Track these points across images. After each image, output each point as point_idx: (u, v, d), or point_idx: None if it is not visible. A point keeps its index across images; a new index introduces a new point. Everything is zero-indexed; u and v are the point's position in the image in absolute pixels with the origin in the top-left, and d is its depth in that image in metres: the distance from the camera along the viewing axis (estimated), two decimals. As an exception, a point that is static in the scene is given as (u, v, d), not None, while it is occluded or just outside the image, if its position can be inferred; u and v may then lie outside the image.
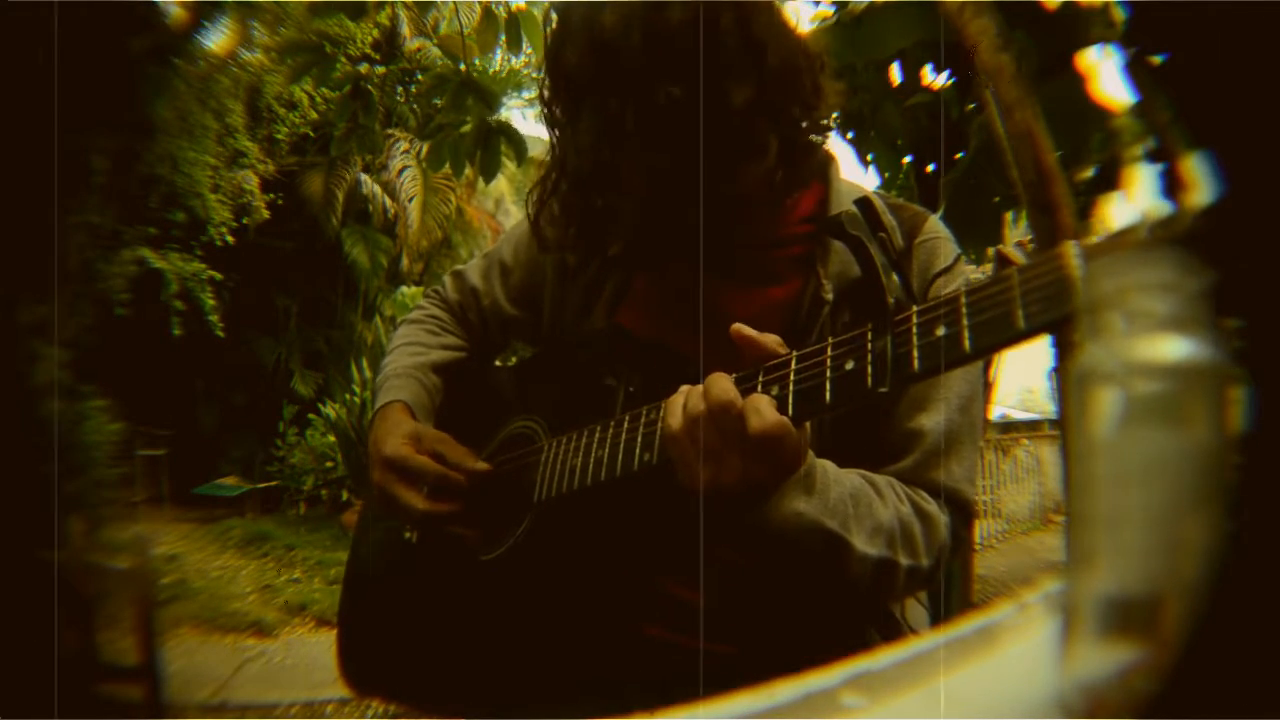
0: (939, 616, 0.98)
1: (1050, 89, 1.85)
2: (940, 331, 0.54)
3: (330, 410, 6.92)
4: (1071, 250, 0.47)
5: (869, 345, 0.59)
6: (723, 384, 0.65)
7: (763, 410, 0.62)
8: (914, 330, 0.56)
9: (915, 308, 0.57)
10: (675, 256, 0.83)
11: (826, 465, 0.71)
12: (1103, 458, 0.28)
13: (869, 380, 0.58)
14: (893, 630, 0.86)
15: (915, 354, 0.56)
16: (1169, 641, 0.27)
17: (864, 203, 0.64)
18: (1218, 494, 0.27)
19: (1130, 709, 0.27)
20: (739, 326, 0.67)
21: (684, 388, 0.68)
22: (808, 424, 0.65)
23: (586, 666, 0.82)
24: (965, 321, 0.53)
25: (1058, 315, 0.47)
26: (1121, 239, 0.44)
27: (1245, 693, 0.27)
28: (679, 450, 0.67)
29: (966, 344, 0.52)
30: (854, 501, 0.72)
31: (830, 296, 0.82)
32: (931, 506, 0.77)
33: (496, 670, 0.86)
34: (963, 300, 0.54)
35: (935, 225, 0.87)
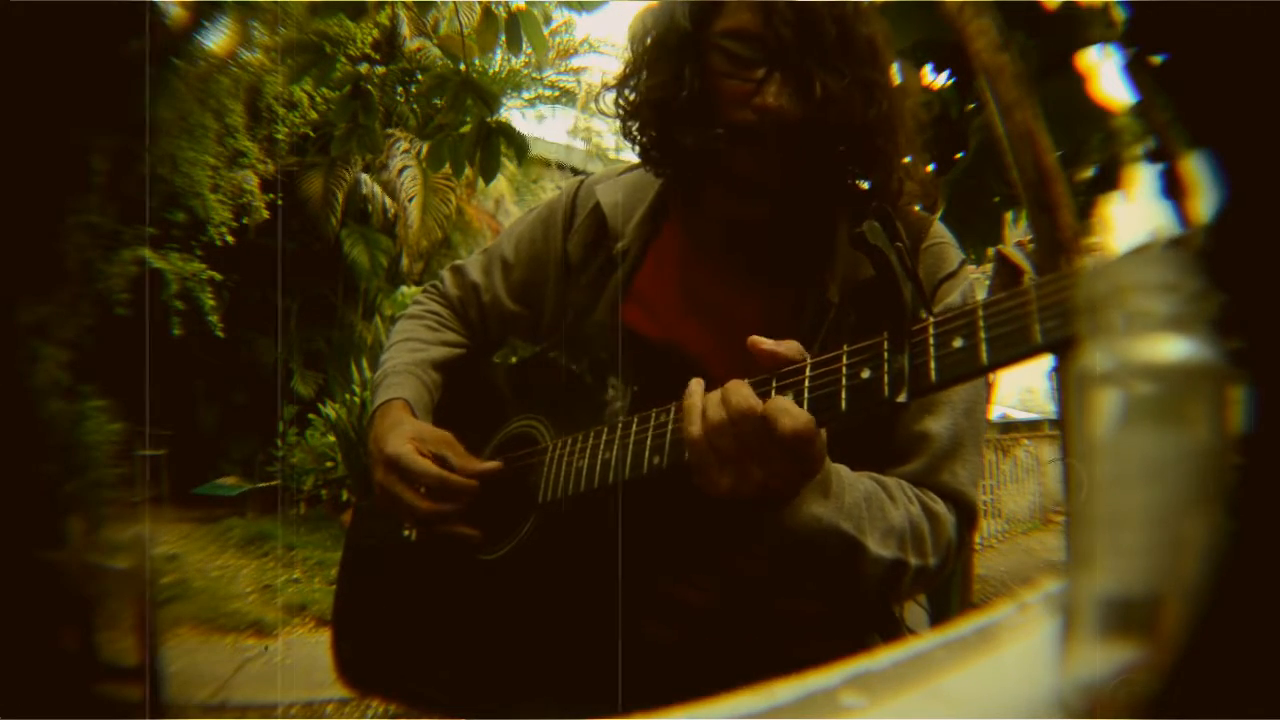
0: (939, 617, 0.98)
1: (1050, 89, 1.85)
2: (957, 343, 0.55)
3: (330, 410, 6.92)
4: (1089, 267, 0.47)
5: (885, 355, 0.59)
6: (743, 391, 0.64)
7: (792, 411, 0.62)
8: (931, 341, 0.57)
9: (932, 319, 0.58)
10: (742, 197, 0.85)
11: (840, 469, 0.72)
12: (1103, 458, 0.28)
13: (886, 390, 0.58)
14: (893, 631, 0.86)
15: (933, 365, 0.56)
16: (1169, 641, 0.27)
17: (882, 214, 0.65)
18: (1218, 494, 0.27)
19: (1130, 709, 0.27)
20: (756, 339, 0.66)
21: (699, 393, 0.67)
22: (823, 430, 0.65)
23: (589, 667, 0.82)
24: (983, 334, 0.53)
25: (1074, 331, 0.47)
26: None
27: (1245, 693, 0.27)
28: (699, 457, 0.66)
29: (984, 357, 0.53)
30: (868, 504, 0.72)
31: (836, 298, 0.82)
32: (940, 507, 0.78)
33: (498, 670, 0.86)
34: (980, 313, 0.54)
35: (940, 230, 0.88)
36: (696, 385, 0.69)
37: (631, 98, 0.89)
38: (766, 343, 0.66)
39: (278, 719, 3.27)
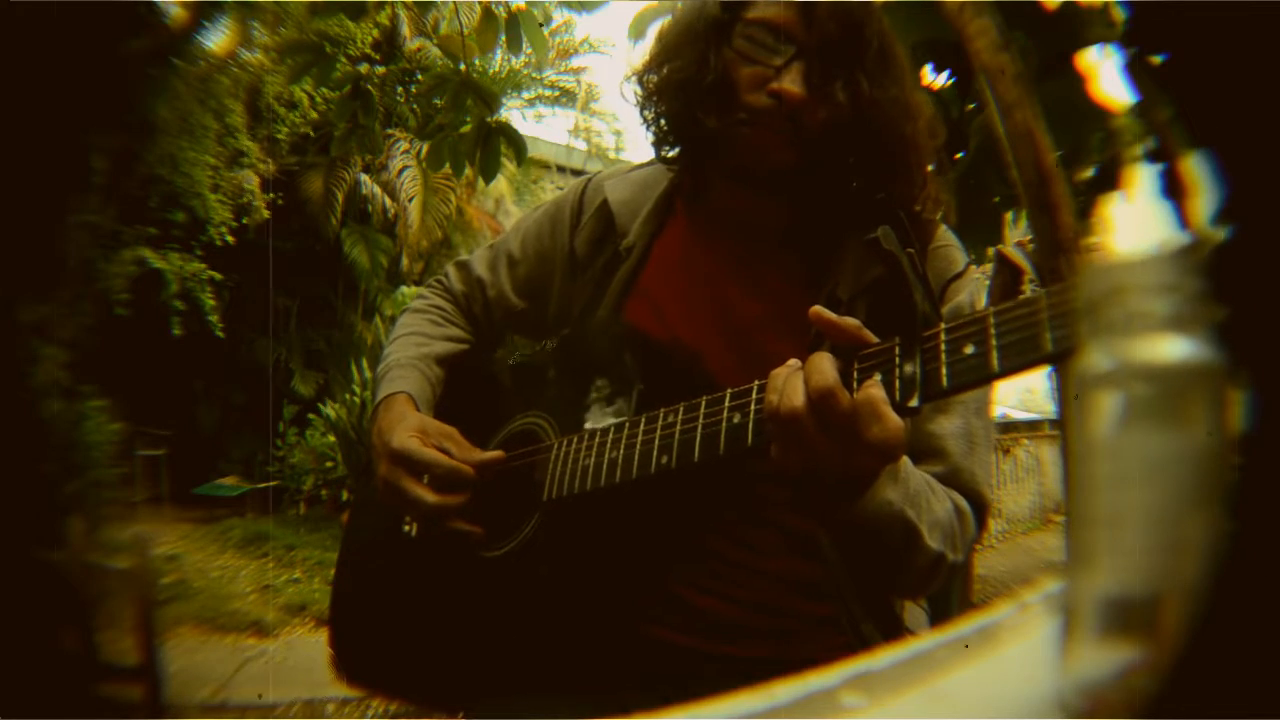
0: (939, 617, 0.98)
1: (1050, 89, 1.85)
2: (969, 350, 0.55)
3: (330, 410, 6.92)
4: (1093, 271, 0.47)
5: (897, 361, 0.59)
6: (831, 373, 0.61)
7: (884, 417, 0.59)
8: (943, 348, 0.57)
9: (943, 325, 0.58)
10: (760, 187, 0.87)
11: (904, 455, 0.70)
12: (1103, 458, 0.28)
13: (898, 394, 0.58)
14: (893, 630, 0.86)
15: (944, 371, 0.56)
16: (1169, 641, 0.27)
17: (894, 219, 0.66)
18: (1218, 494, 0.27)
19: (1130, 709, 0.27)
20: (818, 309, 0.64)
21: (794, 372, 0.63)
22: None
23: (591, 667, 0.82)
24: (994, 341, 0.54)
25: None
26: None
27: (1245, 693, 0.27)
28: (793, 434, 0.62)
29: (995, 363, 0.53)
30: (921, 495, 0.72)
31: (845, 296, 0.82)
32: (964, 503, 0.79)
33: (499, 668, 0.86)
34: (991, 320, 0.54)
35: (946, 233, 0.89)
36: (794, 362, 0.64)
37: (654, 81, 0.90)
38: (829, 314, 0.63)
39: (278, 719, 3.27)
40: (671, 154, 0.94)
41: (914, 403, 0.58)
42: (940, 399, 0.58)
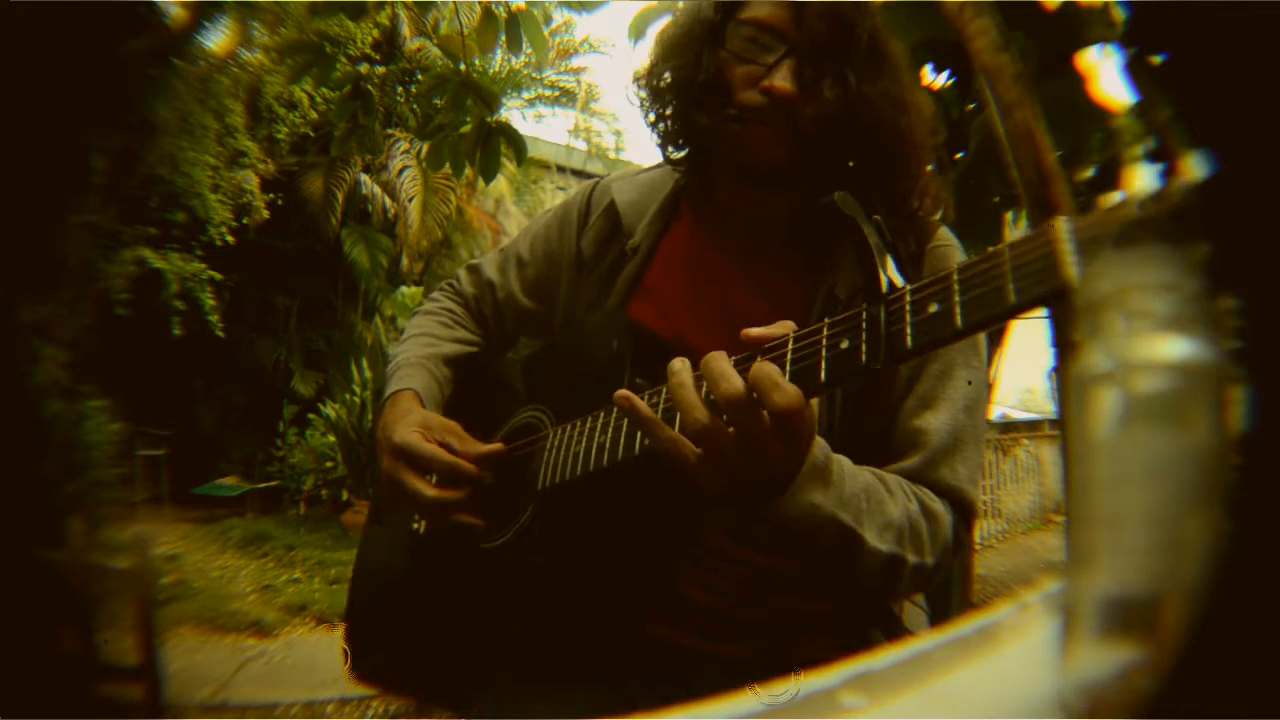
0: (939, 617, 0.98)
1: (1050, 89, 1.85)
2: (933, 308, 0.55)
3: (330, 410, 6.92)
4: (1062, 225, 0.47)
5: (863, 323, 0.59)
6: (731, 373, 0.62)
7: (782, 384, 0.60)
8: (907, 307, 0.57)
9: (909, 286, 0.58)
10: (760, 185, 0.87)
11: (842, 460, 0.71)
12: (1103, 458, 0.28)
13: (863, 357, 0.58)
14: (894, 630, 0.87)
15: (909, 330, 0.56)
16: (1169, 641, 0.26)
17: (860, 194, 0.66)
18: (1218, 494, 0.27)
19: (1130, 709, 0.27)
20: (748, 331, 0.65)
21: (683, 378, 0.65)
22: (815, 405, 0.65)
23: (589, 659, 0.82)
24: (958, 298, 0.53)
25: (1048, 289, 0.47)
26: (1112, 215, 0.44)
27: (1245, 693, 0.27)
28: (706, 436, 0.63)
29: (959, 319, 0.53)
30: (867, 497, 0.72)
31: (843, 295, 0.82)
32: (938, 505, 0.78)
33: (498, 660, 0.86)
34: (955, 277, 0.54)
35: (946, 234, 0.90)
36: (682, 374, 0.66)
37: (655, 83, 0.91)
38: (756, 331, 0.65)
39: (278, 719, 3.27)
40: (677, 155, 0.94)
41: (879, 364, 0.57)
42: (907, 359, 0.58)
